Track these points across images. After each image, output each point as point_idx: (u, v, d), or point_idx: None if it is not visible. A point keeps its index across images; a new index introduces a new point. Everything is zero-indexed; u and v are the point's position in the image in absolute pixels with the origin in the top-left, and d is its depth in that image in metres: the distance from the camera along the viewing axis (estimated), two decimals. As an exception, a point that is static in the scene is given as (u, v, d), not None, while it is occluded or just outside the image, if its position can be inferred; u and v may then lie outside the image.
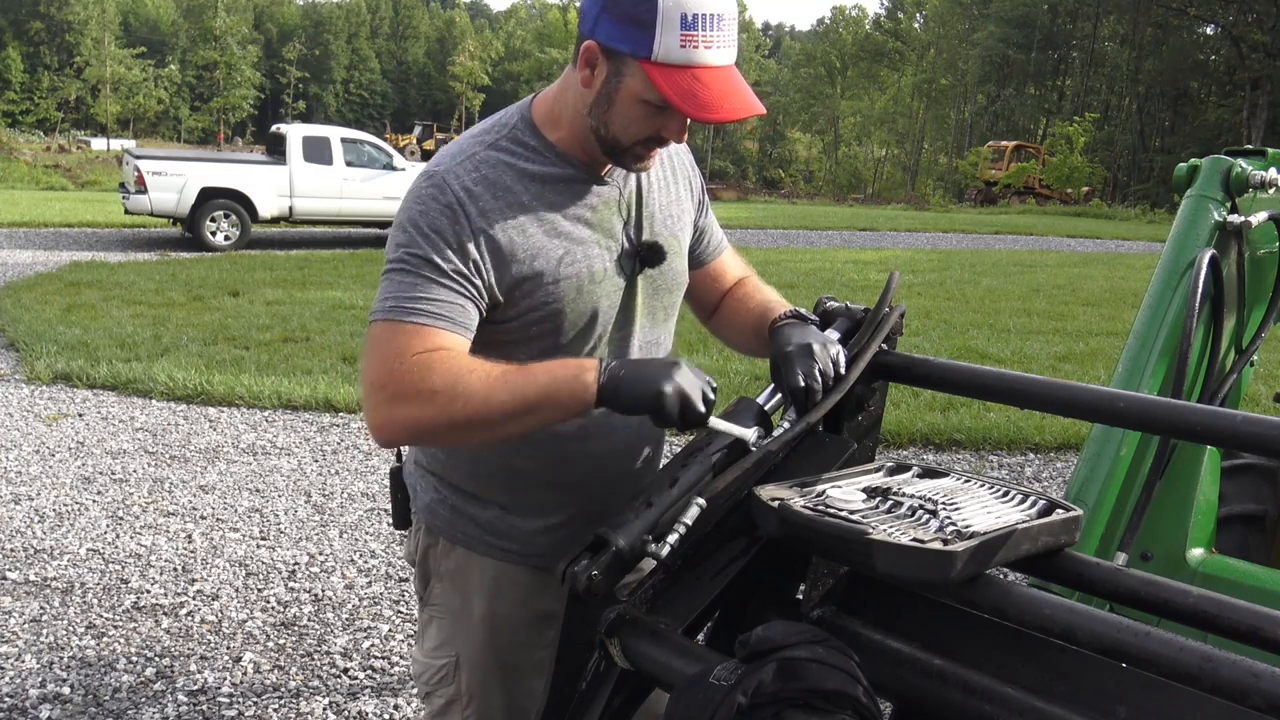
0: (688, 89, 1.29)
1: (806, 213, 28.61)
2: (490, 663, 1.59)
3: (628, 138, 1.38)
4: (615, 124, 1.37)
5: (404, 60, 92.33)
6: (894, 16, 69.06)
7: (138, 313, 8.71)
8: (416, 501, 1.65)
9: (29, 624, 3.35)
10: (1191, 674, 0.98)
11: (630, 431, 1.56)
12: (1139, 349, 2.04)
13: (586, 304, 1.46)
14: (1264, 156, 2.18)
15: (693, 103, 1.29)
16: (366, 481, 4.88)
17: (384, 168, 14.65)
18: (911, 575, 1.11)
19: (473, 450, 1.54)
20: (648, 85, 1.31)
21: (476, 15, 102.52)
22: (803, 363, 1.39)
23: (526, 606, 1.58)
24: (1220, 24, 46.04)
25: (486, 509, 1.56)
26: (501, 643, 1.59)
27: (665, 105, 1.32)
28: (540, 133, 1.45)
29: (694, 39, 1.28)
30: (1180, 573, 1.98)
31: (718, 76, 1.31)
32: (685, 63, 1.29)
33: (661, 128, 1.37)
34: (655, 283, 1.56)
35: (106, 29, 60.10)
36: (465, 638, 1.60)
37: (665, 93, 1.29)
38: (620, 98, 1.34)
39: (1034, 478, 5.26)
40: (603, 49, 1.32)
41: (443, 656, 1.62)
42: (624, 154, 1.41)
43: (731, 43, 1.33)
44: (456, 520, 1.58)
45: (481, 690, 1.60)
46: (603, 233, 1.47)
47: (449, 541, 1.60)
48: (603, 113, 1.37)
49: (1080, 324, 9.85)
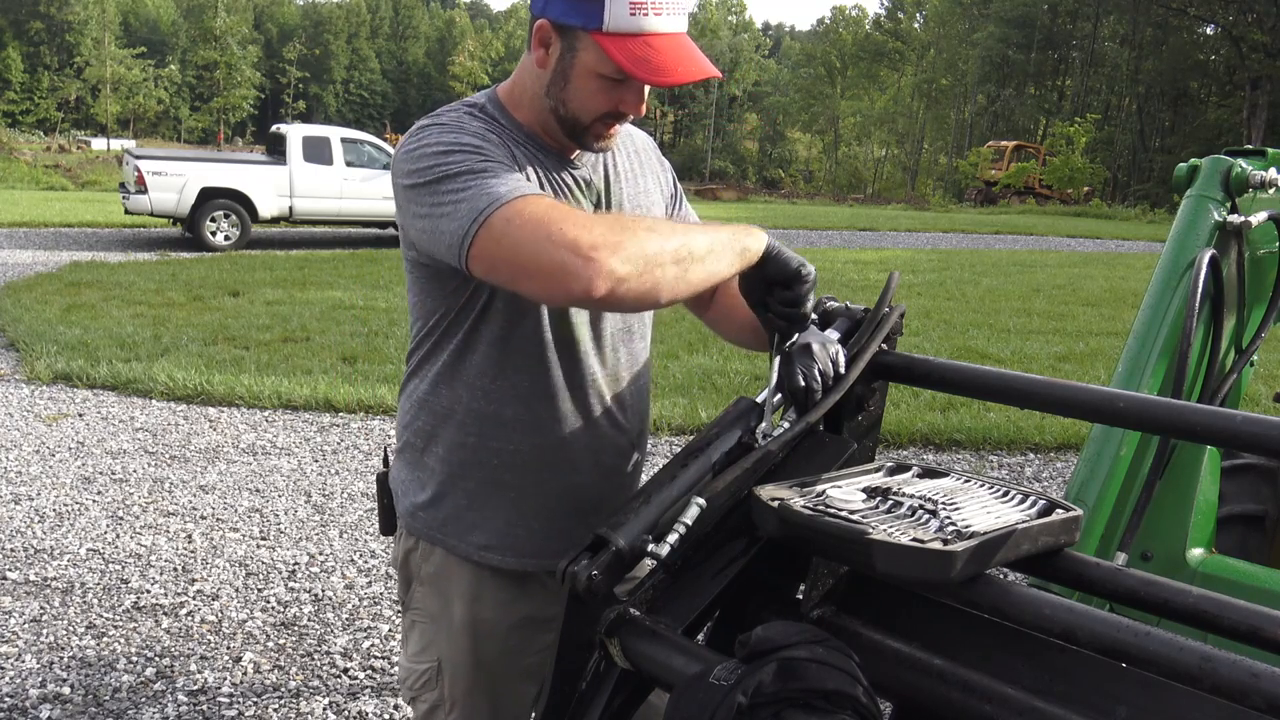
0: (640, 55, 1.31)
1: (806, 213, 28.62)
2: (472, 667, 1.58)
3: (586, 114, 1.39)
4: (573, 101, 1.38)
5: (404, 60, 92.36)
6: (894, 16, 69.09)
7: (138, 313, 8.71)
8: (399, 505, 1.64)
9: (29, 624, 3.35)
10: (1191, 674, 0.98)
11: (609, 426, 1.57)
12: (1139, 349, 2.04)
13: None
14: (1264, 156, 2.18)
15: (646, 68, 1.31)
16: (366, 481, 4.88)
17: (384, 168, 14.64)
18: (911, 575, 1.11)
19: (448, 440, 1.53)
20: (601, 56, 1.32)
21: (476, 15, 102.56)
22: (802, 362, 1.39)
23: (508, 610, 1.57)
24: (1220, 24, 46.06)
25: (467, 511, 1.55)
26: (484, 647, 1.57)
27: (620, 77, 1.34)
28: (509, 113, 1.46)
29: (643, 6, 1.30)
30: (1180, 573, 1.98)
31: (669, 43, 1.33)
32: (636, 30, 1.31)
33: (619, 101, 1.38)
34: None
35: (106, 29, 60.15)
36: (447, 642, 1.59)
37: (618, 60, 1.30)
38: (576, 73, 1.36)
39: (1034, 478, 5.26)
40: (555, 26, 1.34)
41: (425, 661, 1.61)
42: (584, 132, 1.41)
43: (681, 10, 1.35)
44: (434, 521, 1.57)
45: (465, 695, 1.59)
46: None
47: (428, 544, 1.59)
48: (560, 90, 1.38)
49: (1080, 324, 9.85)
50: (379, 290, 10.54)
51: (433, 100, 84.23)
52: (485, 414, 1.51)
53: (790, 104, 71.17)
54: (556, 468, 1.54)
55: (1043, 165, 38.92)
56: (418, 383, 1.56)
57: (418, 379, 1.57)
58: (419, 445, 1.57)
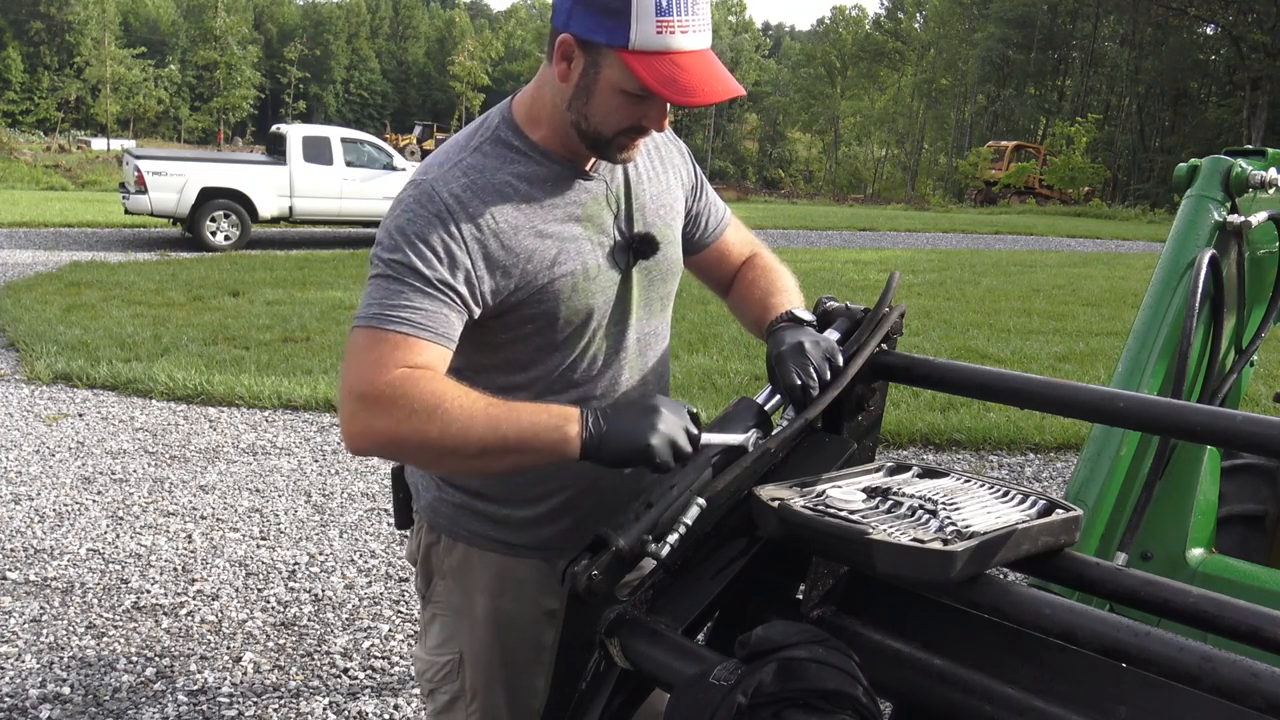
0: (667, 75, 1.29)
1: (806, 213, 28.62)
2: (494, 659, 1.59)
3: (609, 129, 1.37)
4: (595, 116, 1.36)
5: (404, 60, 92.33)
6: (894, 16, 69.02)
7: (138, 313, 8.71)
8: (419, 500, 1.65)
9: (29, 624, 3.35)
10: (1191, 674, 0.98)
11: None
12: (1139, 349, 2.04)
13: (581, 301, 1.46)
14: (1264, 156, 2.18)
15: (674, 89, 1.29)
16: (366, 481, 4.88)
17: (384, 168, 14.65)
18: (911, 575, 1.11)
19: None
20: (627, 74, 1.30)
21: (476, 15, 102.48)
22: (796, 360, 1.40)
23: (531, 603, 1.58)
24: (1220, 24, 46.04)
25: (487, 503, 1.56)
26: (506, 639, 1.59)
27: (645, 94, 1.32)
28: (523, 132, 1.44)
29: (669, 24, 1.28)
30: (1180, 573, 1.98)
31: (695, 60, 1.31)
32: (662, 49, 1.29)
33: (642, 116, 1.37)
34: (650, 274, 1.55)
35: (106, 29, 60.10)
36: (468, 634, 1.60)
37: (645, 80, 1.29)
38: (599, 89, 1.34)
39: (1034, 478, 5.26)
40: (578, 41, 1.32)
41: (446, 653, 1.62)
42: (607, 146, 1.40)
43: (706, 26, 1.33)
44: (458, 516, 1.58)
45: (486, 687, 1.60)
46: (594, 228, 1.47)
47: (451, 538, 1.60)
48: (582, 105, 1.36)
49: (1080, 324, 9.85)
50: (379, 290, 10.53)
51: (432, 100, 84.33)
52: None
53: (790, 104, 71.13)
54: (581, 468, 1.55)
55: (1043, 165, 38.91)
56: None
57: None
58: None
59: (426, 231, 1.35)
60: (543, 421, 1.28)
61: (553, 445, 1.28)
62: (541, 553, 1.57)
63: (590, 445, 1.27)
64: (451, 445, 1.28)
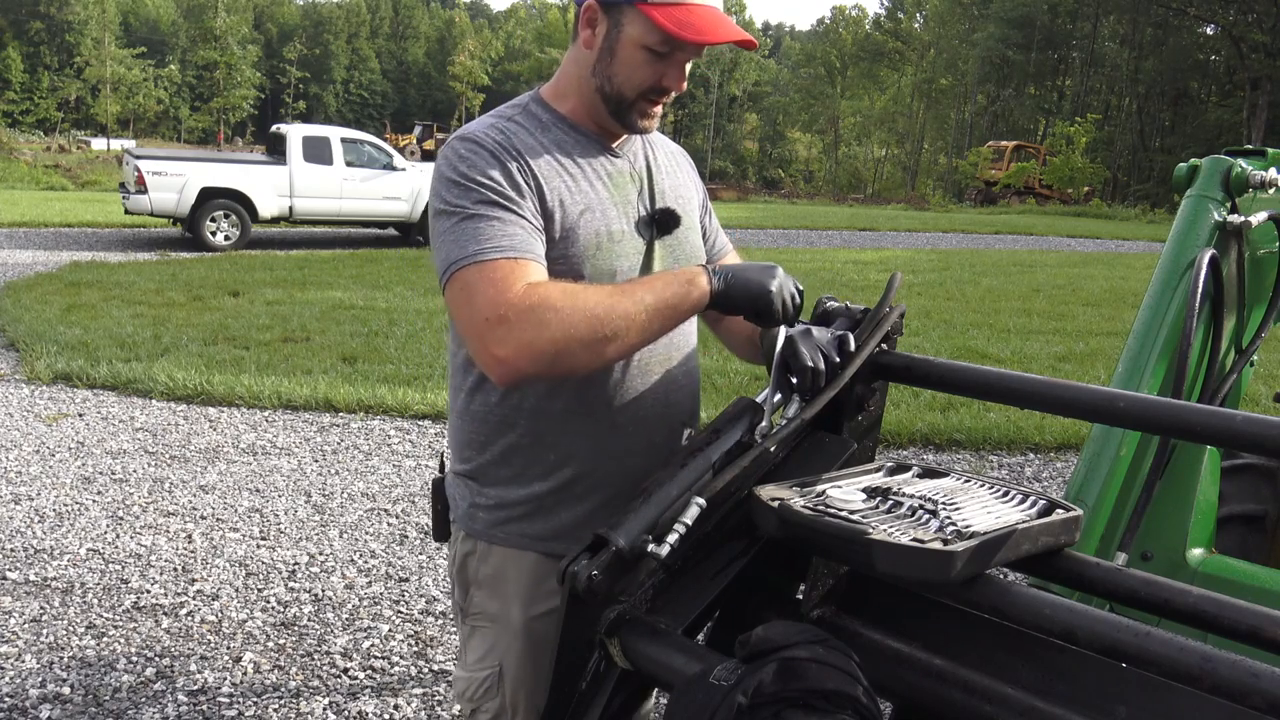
0: (684, 19, 1.42)
1: (806, 213, 28.61)
2: (534, 669, 1.57)
3: (631, 89, 1.47)
4: (619, 76, 1.47)
5: (404, 60, 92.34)
6: (894, 16, 69.02)
7: (138, 313, 8.71)
8: (455, 510, 1.65)
9: (29, 624, 3.35)
10: (1191, 674, 0.98)
11: (660, 406, 1.61)
12: (1139, 349, 2.04)
13: (605, 261, 1.51)
14: (1264, 156, 2.18)
15: (691, 30, 1.41)
16: (366, 481, 4.88)
17: (384, 168, 14.66)
18: (911, 575, 1.11)
19: (507, 442, 1.56)
20: (648, 26, 1.42)
21: (476, 15, 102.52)
22: (806, 343, 1.40)
23: None
24: (1220, 24, 46.02)
25: (525, 504, 1.57)
26: (540, 656, 1.56)
27: (664, 49, 1.44)
28: (551, 107, 1.55)
29: None
30: (1180, 573, 1.98)
31: (706, 10, 1.44)
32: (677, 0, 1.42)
33: (662, 75, 1.47)
34: (674, 252, 1.61)
35: (106, 29, 60.10)
36: (507, 645, 1.59)
37: (664, 25, 1.41)
38: (622, 47, 1.45)
39: (1034, 478, 5.26)
40: (601, 5, 1.45)
41: (486, 667, 1.60)
42: (629, 110, 1.50)
43: None
44: (494, 519, 1.58)
45: (529, 699, 1.58)
46: (620, 196, 1.55)
47: (487, 543, 1.60)
48: (606, 67, 1.47)
49: (1080, 324, 9.85)
50: (379, 290, 10.54)
51: (433, 100, 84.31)
52: (539, 409, 1.54)
53: (790, 104, 71.15)
54: (612, 454, 1.57)
55: (1043, 165, 38.91)
56: (471, 388, 1.58)
57: (468, 384, 1.58)
58: (478, 443, 1.59)
59: (488, 168, 1.44)
60: (673, 281, 1.40)
61: (688, 297, 1.39)
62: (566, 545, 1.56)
63: (719, 293, 1.40)
64: (603, 328, 1.34)
